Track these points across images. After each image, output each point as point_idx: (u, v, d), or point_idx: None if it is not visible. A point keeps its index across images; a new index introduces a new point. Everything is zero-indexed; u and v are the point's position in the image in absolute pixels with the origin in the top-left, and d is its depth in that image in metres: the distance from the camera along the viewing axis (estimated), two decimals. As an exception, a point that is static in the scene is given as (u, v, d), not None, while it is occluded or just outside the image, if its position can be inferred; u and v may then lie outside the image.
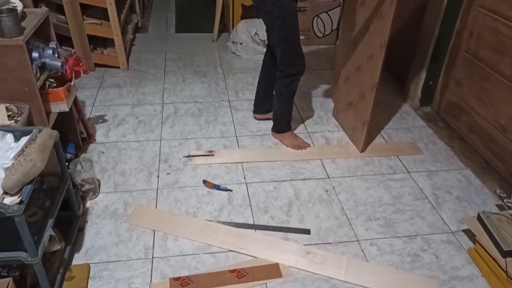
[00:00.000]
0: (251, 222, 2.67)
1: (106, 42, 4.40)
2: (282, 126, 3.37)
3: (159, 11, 6.22)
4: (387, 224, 2.68)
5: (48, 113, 2.59)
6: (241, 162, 3.15)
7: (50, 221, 2.10)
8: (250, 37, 4.77)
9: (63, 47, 4.13)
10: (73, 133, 3.06)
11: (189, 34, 5.40)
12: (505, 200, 2.58)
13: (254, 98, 3.62)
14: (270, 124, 3.49)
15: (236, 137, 3.44)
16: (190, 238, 2.53)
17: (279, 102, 3.26)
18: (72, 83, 2.77)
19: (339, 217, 2.73)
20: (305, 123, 3.65)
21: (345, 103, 3.46)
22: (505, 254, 2.26)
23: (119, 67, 4.39)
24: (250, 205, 2.79)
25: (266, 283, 2.30)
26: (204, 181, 2.96)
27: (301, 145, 3.32)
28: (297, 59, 3.03)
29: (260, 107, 3.60)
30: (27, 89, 2.35)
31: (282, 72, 3.07)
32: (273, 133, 3.45)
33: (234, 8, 4.98)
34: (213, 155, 3.21)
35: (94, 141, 3.31)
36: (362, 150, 3.29)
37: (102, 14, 4.14)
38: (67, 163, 2.56)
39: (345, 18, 3.57)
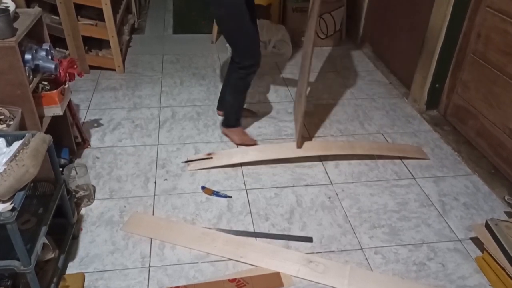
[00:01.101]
0: (251, 229, 2.68)
1: (102, 44, 4.40)
2: (232, 121, 3.40)
3: (156, 11, 6.23)
4: (392, 232, 2.69)
5: (41, 117, 2.59)
6: (241, 167, 3.15)
7: (44, 229, 2.10)
8: (250, 38, 4.78)
9: (57, 48, 4.14)
10: (67, 138, 3.07)
11: (187, 35, 5.42)
12: (514, 207, 2.59)
13: (249, 101, 3.64)
14: (270, 128, 3.51)
15: (236, 141, 3.45)
16: (188, 247, 2.53)
17: (231, 94, 3.29)
18: (66, 86, 2.77)
19: (342, 225, 2.73)
20: (307, 127, 3.65)
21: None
22: (514, 262, 2.27)
23: (114, 70, 4.40)
24: (250, 212, 2.80)
25: (266, 293, 2.30)
26: (203, 187, 2.97)
27: (249, 142, 3.36)
28: (251, 50, 3.04)
29: (222, 104, 3.66)
30: (20, 92, 2.35)
31: (237, 63, 3.09)
32: (223, 128, 3.49)
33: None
34: (211, 157, 3.21)
35: (89, 146, 3.31)
36: (299, 146, 3.27)
37: (97, 14, 4.16)
38: (61, 169, 2.57)
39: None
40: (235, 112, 3.38)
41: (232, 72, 3.20)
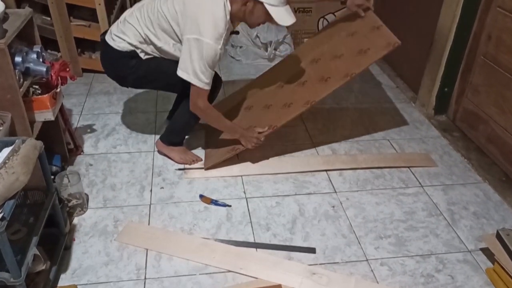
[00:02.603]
0: (251, 240, 2.68)
1: (95, 46, 4.41)
2: (178, 138, 3.28)
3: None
4: (398, 243, 2.69)
5: (32, 122, 2.60)
6: (241, 176, 3.16)
7: (34, 239, 2.11)
8: (251, 40, 4.79)
9: (49, 51, 4.15)
10: (59, 144, 3.08)
11: (185, 36, 5.41)
12: (526, 217, 2.59)
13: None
14: (270, 134, 3.51)
15: (235, 148, 3.45)
16: (186, 258, 2.54)
17: (188, 113, 3.00)
18: (58, 90, 2.78)
19: (347, 235, 2.74)
20: (310, 133, 3.67)
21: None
22: (527, 275, 2.27)
23: (108, 73, 4.40)
24: (251, 222, 2.81)
25: (267, 307, 2.31)
26: (201, 196, 2.97)
27: (191, 162, 3.25)
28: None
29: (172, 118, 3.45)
30: (9, 96, 2.36)
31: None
32: (162, 143, 3.29)
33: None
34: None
35: (81, 153, 3.32)
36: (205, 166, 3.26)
37: (90, 15, 4.17)
38: (52, 177, 2.57)
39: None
40: (185, 131, 3.28)
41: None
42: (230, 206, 2.91)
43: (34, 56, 2.55)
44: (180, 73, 2.76)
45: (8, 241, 1.83)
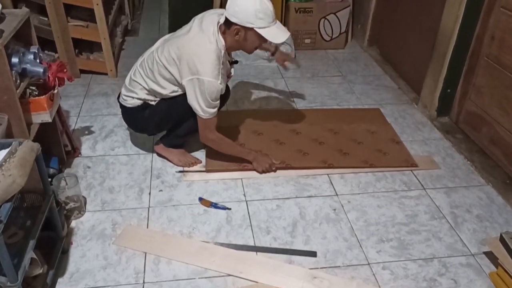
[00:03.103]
0: (251, 243, 2.69)
1: (93, 46, 4.42)
2: (180, 141, 3.30)
3: (151, 12, 6.26)
4: (400, 246, 2.70)
5: (29, 124, 2.60)
6: (241, 178, 3.17)
7: (31, 243, 2.11)
8: (251, 40, 4.80)
9: (46, 51, 4.16)
10: (57, 146, 3.08)
11: (184, 37, 5.42)
12: (530, 220, 2.60)
13: (249, 107, 3.63)
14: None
15: (235, 150, 3.45)
16: (185, 261, 2.54)
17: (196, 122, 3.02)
18: (56, 91, 2.77)
19: (348, 238, 2.74)
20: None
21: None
22: (531, 278, 2.28)
23: (107, 74, 4.43)
24: (251, 225, 2.81)
25: (268, 311, 2.31)
26: (200, 199, 2.98)
27: (190, 164, 3.27)
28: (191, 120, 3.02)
29: None
30: (6, 97, 2.36)
31: None
32: (161, 146, 3.31)
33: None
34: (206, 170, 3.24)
35: (79, 155, 3.33)
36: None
37: (88, 15, 4.18)
38: (50, 179, 2.58)
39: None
40: (189, 135, 3.25)
41: None
42: (230, 209, 2.91)
43: (31, 57, 2.54)
44: None
45: (5, 245, 1.83)
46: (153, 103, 3.02)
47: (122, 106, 3.16)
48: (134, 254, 2.58)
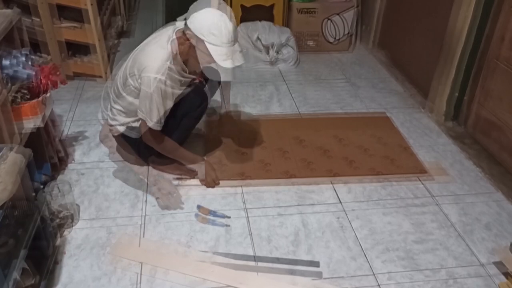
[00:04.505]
0: (251, 253, 2.69)
1: (86, 49, 4.43)
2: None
3: (146, 12, 6.28)
4: (407, 256, 2.70)
5: (20, 128, 2.61)
6: (241, 186, 3.18)
7: (23, 252, 2.12)
8: (251, 42, 4.82)
9: (38, 54, 4.16)
10: (49, 152, 3.08)
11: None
12: (541, 228, 2.60)
13: (250, 112, 3.64)
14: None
15: (235, 156, 3.47)
16: (183, 272, 2.54)
17: (186, 123, 3.20)
18: (48, 94, 2.79)
19: (353, 248, 2.75)
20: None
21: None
22: (542, 289, 2.28)
23: (101, 77, 4.44)
24: (251, 234, 2.82)
25: (268, 323, 2.32)
26: (199, 207, 2.99)
27: (187, 175, 3.26)
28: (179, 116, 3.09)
29: None
30: (-3, 102, 2.37)
31: None
32: (155, 163, 3.36)
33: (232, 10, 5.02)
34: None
35: (72, 161, 3.34)
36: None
37: (81, 16, 4.18)
38: (42, 186, 2.59)
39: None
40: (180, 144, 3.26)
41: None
42: (229, 217, 2.92)
43: (23, 59, 2.55)
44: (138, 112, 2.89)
45: (-5, 254, 1.84)
46: (135, 124, 3.01)
47: (114, 137, 3.23)
48: (129, 264, 2.58)
